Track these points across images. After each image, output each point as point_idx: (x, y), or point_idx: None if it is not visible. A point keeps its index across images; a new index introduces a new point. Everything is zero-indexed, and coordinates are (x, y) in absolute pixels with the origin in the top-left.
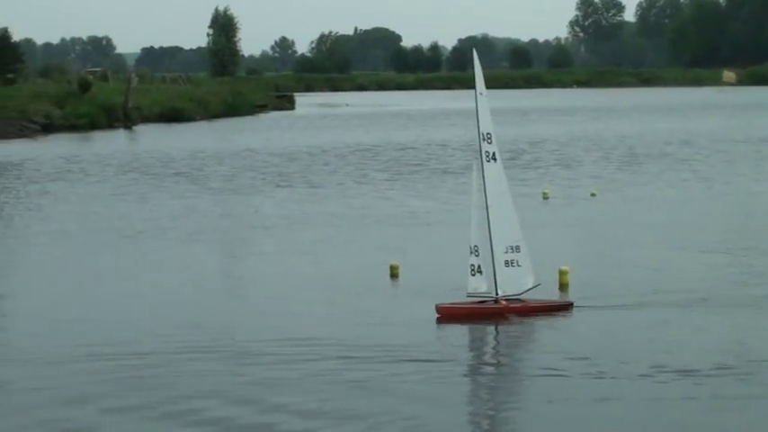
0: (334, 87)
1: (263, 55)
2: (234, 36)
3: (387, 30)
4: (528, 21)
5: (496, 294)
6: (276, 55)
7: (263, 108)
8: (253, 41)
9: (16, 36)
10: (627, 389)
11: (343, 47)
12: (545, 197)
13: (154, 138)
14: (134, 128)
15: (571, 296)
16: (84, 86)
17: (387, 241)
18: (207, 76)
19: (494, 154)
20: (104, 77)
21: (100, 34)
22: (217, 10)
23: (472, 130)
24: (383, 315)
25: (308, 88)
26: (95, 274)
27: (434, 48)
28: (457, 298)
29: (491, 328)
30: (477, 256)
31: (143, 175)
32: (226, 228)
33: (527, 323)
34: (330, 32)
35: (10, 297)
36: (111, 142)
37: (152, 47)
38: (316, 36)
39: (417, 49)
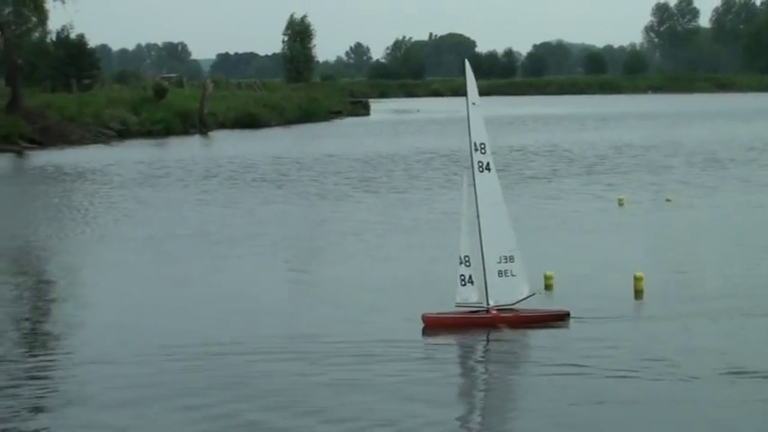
0: (409, 93)
1: (338, 61)
2: (309, 42)
3: (461, 35)
4: (603, 26)
5: (487, 304)
6: (351, 61)
7: (337, 114)
8: (328, 47)
9: (92, 42)
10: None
11: (418, 52)
12: (621, 203)
13: (230, 143)
14: (209, 134)
15: (647, 301)
16: (160, 92)
17: None
18: (282, 82)
19: (488, 164)
20: (180, 83)
21: (175, 40)
22: (292, 16)
23: (548, 136)
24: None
25: (383, 94)
26: (183, 278)
27: (509, 53)
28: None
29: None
30: (467, 266)
31: (227, 181)
32: (315, 233)
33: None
34: (405, 38)
35: (100, 300)
36: (188, 148)
37: (227, 53)
38: (390, 42)
39: (492, 55)
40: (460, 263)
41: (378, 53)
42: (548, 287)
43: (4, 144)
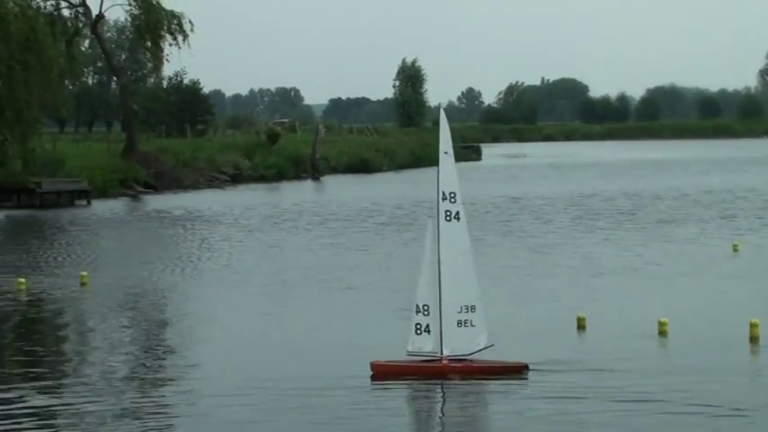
0: (521, 138)
1: (450, 106)
2: (421, 87)
3: (573, 80)
4: (716, 70)
5: (441, 354)
6: (463, 106)
7: None
8: (439, 92)
9: (206, 88)
10: None
11: (530, 97)
12: (735, 250)
13: (342, 188)
14: (321, 178)
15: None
16: (273, 137)
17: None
18: (393, 127)
19: (457, 213)
20: (292, 129)
21: (288, 86)
22: (404, 61)
23: (671, 180)
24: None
25: (495, 139)
26: (298, 316)
27: (622, 98)
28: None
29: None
30: (425, 315)
31: (351, 224)
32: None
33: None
34: (517, 83)
35: (216, 338)
36: (300, 192)
37: (339, 98)
38: (501, 86)
39: (605, 99)
40: (417, 311)
41: (489, 98)
42: (661, 333)
43: (121, 188)
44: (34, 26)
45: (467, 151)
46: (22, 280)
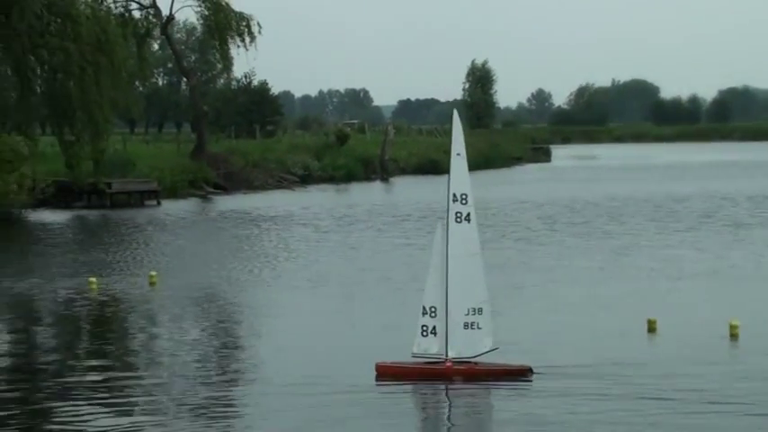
0: (591, 139)
1: (520, 107)
2: (490, 88)
3: (644, 81)
4: None
5: (446, 356)
6: (532, 107)
7: (518, 160)
8: (509, 93)
9: (275, 89)
10: None
11: (601, 98)
12: None
13: (413, 189)
14: (390, 179)
15: None
16: (342, 138)
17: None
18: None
19: (467, 215)
20: (361, 130)
21: (357, 87)
22: (474, 63)
23: (745, 183)
24: None
25: (565, 140)
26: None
27: (693, 99)
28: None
29: None
30: (432, 317)
31: (424, 224)
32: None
33: None
34: (588, 84)
35: (282, 336)
36: (370, 193)
37: (409, 99)
38: (571, 88)
39: (676, 101)
40: (424, 313)
41: (559, 99)
42: (733, 336)
43: (190, 189)
44: (105, 27)
45: (536, 153)
46: (93, 279)
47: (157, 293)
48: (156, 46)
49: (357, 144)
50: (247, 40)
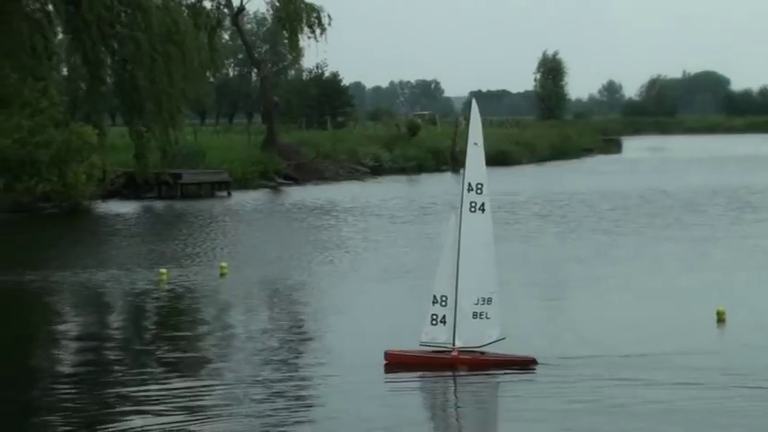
0: (662, 130)
1: (591, 98)
2: (561, 80)
3: (714, 73)
4: None
5: (453, 345)
6: (603, 99)
7: (588, 152)
8: (580, 85)
9: (346, 80)
10: None
11: (672, 90)
12: None
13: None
14: (461, 171)
15: None
16: (413, 130)
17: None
18: (533, 120)
19: (482, 204)
20: (432, 121)
21: (428, 78)
22: (545, 54)
23: None
24: None
25: (636, 132)
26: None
27: (764, 91)
28: None
29: None
30: (443, 305)
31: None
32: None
33: None
34: (659, 76)
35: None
36: (444, 184)
37: (480, 90)
38: (642, 79)
39: (746, 93)
40: (434, 302)
41: (630, 91)
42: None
43: (261, 180)
44: (176, 18)
45: (607, 144)
46: (164, 270)
47: (228, 284)
48: (226, 36)
49: (428, 135)
50: (318, 31)
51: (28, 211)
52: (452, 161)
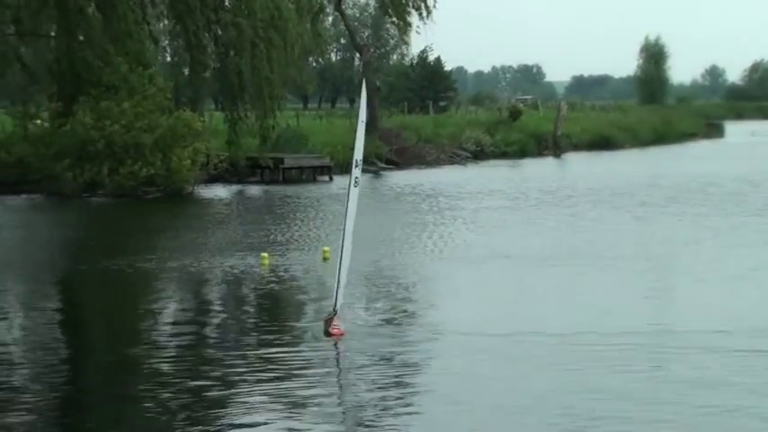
0: (765, 115)
1: (693, 83)
2: (663, 64)
3: None
4: None
5: (334, 312)
6: (706, 83)
7: (691, 136)
8: (683, 69)
9: (449, 65)
10: None
11: None
12: None
13: (585, 165)
14: (563, 155)
15: None
16: (515, 114)
17: None
18: (635, 104)
19: (356, 179)
20: (534, 106)
21: (530, 62)
22: (647, 38)
23: None
24: None
25: (738, 116)
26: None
27: None
28: None
29: None
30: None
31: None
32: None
33: None
34: (762, 60)
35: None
36: (546, 169)
37: (582, 75)
38: (745, 64)
39: None
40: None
41: (733, 75)
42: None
43: (363, 164)
44: (279, 4)
45: (710, 129)
46: (265, 255)
47: (331, 268)
48: (329, 21)
49: (530, 120)
50: (424, 14)
51: (131, 195)
52: (554, 145)
